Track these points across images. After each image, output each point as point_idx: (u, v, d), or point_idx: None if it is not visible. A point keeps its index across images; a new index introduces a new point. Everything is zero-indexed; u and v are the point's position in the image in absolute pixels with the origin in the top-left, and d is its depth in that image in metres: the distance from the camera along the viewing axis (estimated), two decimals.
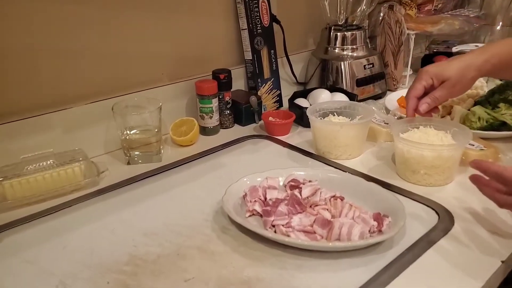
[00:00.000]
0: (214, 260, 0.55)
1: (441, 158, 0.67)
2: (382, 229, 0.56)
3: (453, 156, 0.68)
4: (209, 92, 0.90)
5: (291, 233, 0.56)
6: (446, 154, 0.67)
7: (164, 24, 0.90)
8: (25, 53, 0.73)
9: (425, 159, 0.68)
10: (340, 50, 1.08)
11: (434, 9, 1.32)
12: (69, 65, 0.79)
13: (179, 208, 0.67)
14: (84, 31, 0.79)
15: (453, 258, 0.53)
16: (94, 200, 0.70)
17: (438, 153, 0.67)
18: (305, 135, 0.91)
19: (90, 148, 0.81)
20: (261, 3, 1.00)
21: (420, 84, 0.71)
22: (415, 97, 0.72)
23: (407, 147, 0.69)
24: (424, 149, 0.67)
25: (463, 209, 0.63)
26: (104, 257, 0.56)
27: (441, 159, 0.67)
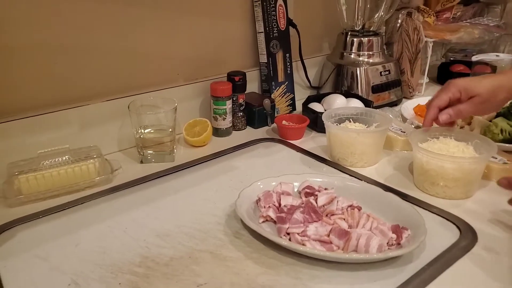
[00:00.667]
0: (227, 266, 0.54)
1: (463, 170, 0.66)
2: (401, 242, 0.55)
3: (476, 169, 0.66)
4: (223, 94, 0.89)
5: (306, 242, 0.54)
6: (468, 166, 0.66)
7: (182, 25, 0.89)
8: (43, 49, 0.73)
9: (445, 171, 0.66)
10: (356, 56, 1.07)
11: (452, 17, 1.30)
12: (87, 62, 0.79)
13: (191, 210, 0.66)
14: (103, 29, 0.79)
15: (475, 278, 0.52)
16: (107, 197, 0.70)
17: (459, 165, 0.65)
18: (319, 141, 0.90)
19: (104, 145, 0.81)
20: (278, 6, 0.99)
21: (446, 95, 0.69)
22: (437, 107, 0.70)
23: (427, 158, 0.68)
24: (445, 160, 0.66)
25: (486, 225, 0.61)
26: (116, 257, 0.55)
27: (462, 171, 0.66)
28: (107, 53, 0.81)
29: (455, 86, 0.68)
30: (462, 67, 1.25)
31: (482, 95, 0.66)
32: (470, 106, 0.68)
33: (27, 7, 0.70)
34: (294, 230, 0.56)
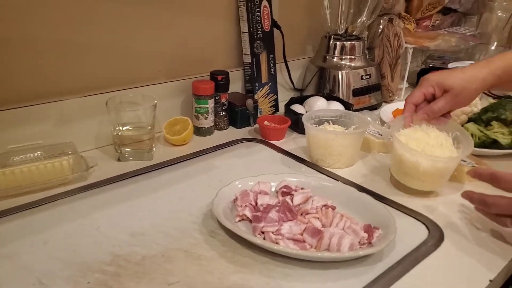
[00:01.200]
0: (200, 265, 0.53)
1: (436, 167, 0.66)
2: (372, 241, 0.55)
3: (449, 167, 0.68)
4: (205, 92, 0.89)
5: (280, 241, 0.55)
6: (442, 165, 0.67)
7: (165, 22, 0.89)
8: (20, 43, 0.72)
9: (419, 166, 0.67)
10: (338, 59, 1.08)
11: (432, 25, 1.33)
12: (65, 57, 0.77)
13: (167, 209, 0.65)
14: (83, 23, 0.78)
15: (441, 275, 0.53)
16: (81, 195, 0.69)
17: (433, 162, 0.66)
18: (300, 142, 0.91)
19: (81, 142, 0.80)
20: (263, 7, 0.99)
21: (419, 91, 0.70)
22: (412, 104, 0.71)
23: (403, 151, 0.68)
24: (419, 157, 0.66)
25: (453, 225, 0.63)
26: (86, 256, 0.54)
27: (435, 168, 0.66)
28: (87, 48, 0.80)
29: (428, 81, 0.70)
30: None
31: (455, 87, 0.67)
32: (444, 101, 0.69)
33: (3, 1, 0.68)
34: (268, 229, 0.56)
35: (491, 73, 0.68)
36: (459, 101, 0.69)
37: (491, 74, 0.68)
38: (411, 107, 0.71)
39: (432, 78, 0.70)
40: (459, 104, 0.71)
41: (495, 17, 1.38)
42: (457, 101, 0.69)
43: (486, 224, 0.62)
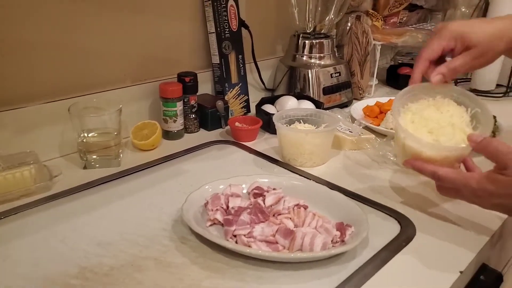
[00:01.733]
0: (170, 272, 0.52)
1: (440, 155, 0.59)
2: (345, 239, 0.55)
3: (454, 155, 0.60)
4: (173, 95, 0.87)
5: (252, 244, 0.54)
6: (447, 153, 0.59)
7: (128, 23, 0.86)
8: None
9: (421, 153, 0.60)
10: (308, 58, 1.08)
11: (399, 21, 1.35)
12: (23, 61, 0.74)
13: (136, 216, 0.63)
14: (42, 26, 0.75)
15: (413, 269, 0.53)
16: (44, 206, 0.66)
17: (437, 152, 0.59)
18: (272, 142, 0.90)
19: (44, 151, 0.77)
20: (229, 7, 0.98)
21: (439, 44, 0.58)
22: (428, 60, 0.59)
23: (404, 135, 0.60)
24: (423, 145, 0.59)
25: (425, 219, 0.63)
26: (50, 270, 0.52)
27: (439, 156, 0.59)
28: (47, 52, 0.76)
29: (450, 32, 0.58)
30: (409, 69, 1.29)
31: (481, 45, 0.57)
32: (466, 61, 0.58)
33: None
34: (240, 232, 0.55)
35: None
36: (481, 62, 0.59)
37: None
38: (426, 64, 0.59)
39: (455, 29, 0.58)
40: (480, 65, 0.60)
41: (459, 13, 1.42)
42: (480, 62, 0.59)
43: (457, 218, 0.63)
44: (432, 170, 0.58)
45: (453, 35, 0.58)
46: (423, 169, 0.59)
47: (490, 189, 0.53)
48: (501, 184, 0.52)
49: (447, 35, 0.59)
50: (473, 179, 0.54)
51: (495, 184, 0.52)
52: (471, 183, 0.54)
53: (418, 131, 0.60)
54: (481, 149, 0.55)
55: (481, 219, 0.63)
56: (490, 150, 0.54)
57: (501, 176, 0.52)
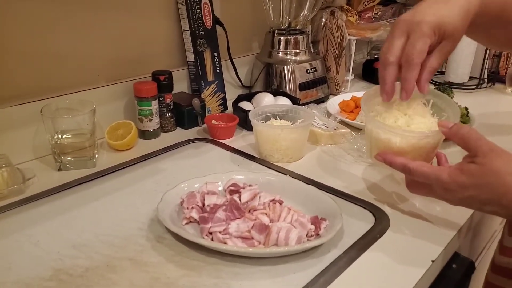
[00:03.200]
0: (146, 272, 0.52)
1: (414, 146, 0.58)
2: (319, 233, 0.56)
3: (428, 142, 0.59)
4: (147, 94, 0.87)
5: (228, 240, 0.54)
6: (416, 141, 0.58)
7: (101, 22, 0.85)
8: None
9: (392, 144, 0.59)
10: (284, 54, 1.09)
11: (373, 16, 1.37)
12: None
13: (112, 217, 0.63)
14: (12, 26, 0.73)
15: (387, 260, 0.54)
16: (17, 210, 0.65)
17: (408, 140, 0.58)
18: (249, 139, 0.90)
19: (17, 154, 0.76)
20: (203, 4, 0.98)
21: (425, 44, 0.52)
22: (420, 64, 0.53)
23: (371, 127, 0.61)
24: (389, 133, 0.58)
25: (399, 211, 0.64)
26: (23, 273, 0.51)
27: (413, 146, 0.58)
28: (16, 52, 0.75)
29: (429, 27, 0.52)
30: None
31: (457, 32, 0.53)
32: (441, 55, 0.54)
33: None
34: (216, 229, 0.55)
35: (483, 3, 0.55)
36: (452, 50, 0.55)
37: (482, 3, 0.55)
38: (418, 69, 0.54)
39: (430, 20, 0.52)
40: (450, 53, 0.56)
41: None
42: (451, 50, 0.55)
43: (430, 208, 0.65)
44: (402, 163, 0.55)
45: (433, 28, 0.53)
46: (394, 162, 0.57)
47: (461, 181, 0.50)
48: (471, 173, 0.50)
49: (429, 31, 0.52)
50: (444, 171, 0.52)
51: (466, 174, 0.50)
52: (442, 176, 0.52)
53: (387, 121, 0.60)
54: (452, 135, 0.53)
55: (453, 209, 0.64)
56: (460, 136, 0.52)
57: (472, 164, 0.50)
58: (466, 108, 0.94)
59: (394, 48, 0.54)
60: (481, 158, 0.50)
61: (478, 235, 0.86)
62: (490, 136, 0.52)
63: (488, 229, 0.95)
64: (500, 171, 0.48)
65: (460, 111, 0.86)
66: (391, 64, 0.54)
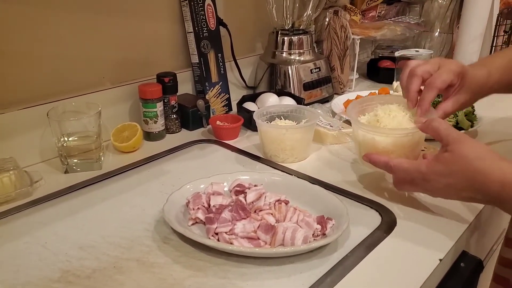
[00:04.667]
0: (153, 273, 0.52)
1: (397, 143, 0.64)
2: (326, 233, 0.56)
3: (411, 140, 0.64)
4: (152, 96, 0.87)
5: (234, 241, 0.54)
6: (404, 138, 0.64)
7: (105, 25, 0.86)
8: None
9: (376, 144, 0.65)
10: (287, 55, 1.09)
11: (377, 15, 1.36)
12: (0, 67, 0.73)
13: (118, 218, 0.63)
14: (17, 31, 0.74)
15: (393, 259, 0.54)
16: (26, 212, 0.65)
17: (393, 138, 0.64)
18: (254, 139, 0.90)
19: (24, 157, 0.76)
20: (206, 6, 0.98)
21: (449, 77, 0.62)
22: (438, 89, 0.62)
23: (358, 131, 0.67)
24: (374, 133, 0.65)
25: (405, 209, 0.64)
26: (32, 274, 0.51)
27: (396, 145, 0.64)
28: (23, 56, 0.76)
29: (456, 65, 0.62)
30: (389, 62, 1.31)
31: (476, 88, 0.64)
32: (455, 104, 0.65)
33: None
34: (222, 229, 0.56)
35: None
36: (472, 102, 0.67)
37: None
38: (435, 93, 0.62)
39: (458, 63, 0.63)
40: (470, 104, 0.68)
41: (436, 5, 1.44)
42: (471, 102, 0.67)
43: (436, 207, 0.64)
44: (385, 161, 0.60)
45: (458, 69, 0.62)
46: (378, 161, 0.62)
47: (438, 169, 0.55)
48: (445, 160, 0.54)
49: (454, 69, 0.62)
50: (422, 163, 0.57)
51: (441, 162, 0.55)
52: (421, 168, 0.56)
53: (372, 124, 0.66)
54: (425, 128, 0.59)
55: (460, 206, 0.64)
56: (432, 128, 0.58)
57: (446, 153, 0.55)
58: (472, 106, 0.93)
59: (425, 67, 0.63)
60: (451, 146, 0.54)
61: (487, 234, 0.86)
62: (498, 135, 0.52)
63: (496, 228, 0.94)
64: (468, 156, 0.53)
65: (467, 109, 0.86)
66: (417, 76, 0.63)
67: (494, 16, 1.23)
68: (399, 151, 0.64)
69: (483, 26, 1.22)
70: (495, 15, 1.23)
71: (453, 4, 1.39)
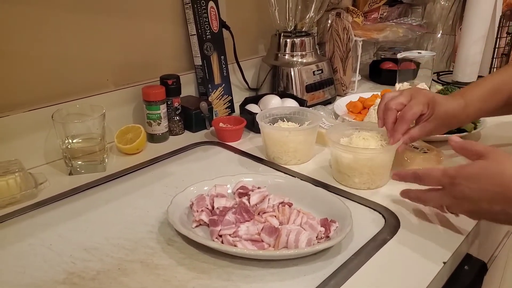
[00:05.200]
0: (157, 274, 0.52)
1: (358, 161, 0.68)
2: (329, 235, 0.56)
3: (371, 159, 0.68)
4: (156, 98, 0.87)
5: (238, 243, 0.54)
6: (363, 157, 0.68)
7: (109, 28, 0.86)
8: None
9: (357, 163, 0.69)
10: (290, 57, 1.09)
11: (380, 17, 1.36)
12: (4, 70, 0.74)
13: (122, 220, 0.63)
14: (21, 34, 0.74)
15: (397, 262, 0.54)
16: (30, 214, 0.66)
17: (354, 156, 0.69)
18: (257, 141, 0.90)
19: (29, 159, 0.77)
20: (209, 8, 0.98)
21: (419, 110, 0.67)
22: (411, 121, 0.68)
23: (340, 152, 0.71)
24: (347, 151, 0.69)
25: (409, 212, 0.64)
26: (37, 276, 0.52)
27: (357, 162, 0.68)
28: (28, 59, 0.76)
29: (425, 97, 0.68)
30: (391, 64, 1.31)
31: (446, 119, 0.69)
32: (422, 131, 0.70)
33: None
34: (225, 231, 0.56)
35: None
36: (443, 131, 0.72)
37: None
38: (408, 125, 0.68)
39: (428, 94, 0.69)
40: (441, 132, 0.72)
41: (439, 6, 1.44)
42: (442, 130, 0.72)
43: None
44: (412, 172, 0.60)
45: (427, 101, 0.68)
46: (406, 175, 0.62)
47: (467, 171, 0.53)
48: (479, 165, 0.53)
49: (423, 100, 0.67)
50: (451, 168, 0.55)
51: (472, 166, 0.53)
52: (449, 170, 0.55)
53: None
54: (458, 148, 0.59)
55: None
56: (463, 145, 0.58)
57: (480, 160, 0.54)
58: None
59: (399, 100, 0.69)
60: (487, 154, 0.53)
61: (490, 236, 0.86)
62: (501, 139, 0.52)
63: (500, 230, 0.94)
64: (504, 162, 0.51)
65: None
66: (391, 110, 0.69)
67: (497, 18, 1.23)
68: (361, 169, 0.68)
69: (486, 27, 1.22)
70: (497, 17, 1.23)
71: (455, 5, 1.39)
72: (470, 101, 0.70)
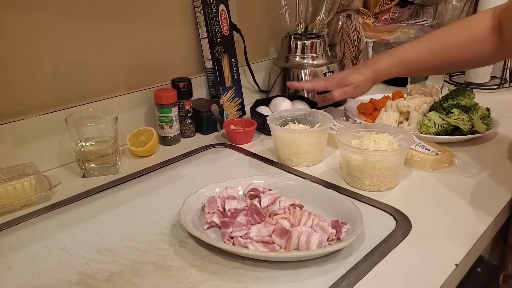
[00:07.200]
0: (170, 276, 0.53)
1: (368, 163, 0.68)
2: (340, 237, 0.56)
3: (381, 161, 0.68)
4: (167, 101, 0.88)
5: (249, 245, 0.55)
6: (373, 159, 0.68)
7: (121, 32, 0.87)
8: None
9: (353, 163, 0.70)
10: (301, 59, 1.09)
11: (390, 18, 1.36)
12: (19, 74, 0.75)
13: (135, 222, 0.64)
14: (36, 39, 0.76)
15: (409, 263, 0.54)
16: (45, 216, 0.67)
17: (364, 158, 0.68)
18: (267, 143, 0.91)
19: (43, 162, 0.78)
20: (220, 11, 0.99)
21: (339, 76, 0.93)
22: None
23: (344, 151, 0.72)
24: (356, 153, 0.69)
25: (420, 214, 0.64)
26: (52, 277, 0.53)
27: (367, 164, 0.68)
28: (41, 64, 0.78)
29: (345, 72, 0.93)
30: None
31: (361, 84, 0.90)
32: (342, 93, 0.90)
33: None
34: (237, 233, 0.56)
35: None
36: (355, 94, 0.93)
37: None
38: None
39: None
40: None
41: (450, 7, 1.43)
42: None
43: (451, 212, 0.64)
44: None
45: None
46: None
47: None
48: None
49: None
50: None
51: None
52: None
53: None
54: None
55: (476, 211, 0.64)
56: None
57: None
58: (487, 108, 0.92)
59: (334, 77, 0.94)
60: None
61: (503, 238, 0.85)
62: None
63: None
64: None
65: (482, 112, 0.85)
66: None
67: None
68: (370, 171, 0.69)
69: None
70: None
71: (467, 5, 1.38)
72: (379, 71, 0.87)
